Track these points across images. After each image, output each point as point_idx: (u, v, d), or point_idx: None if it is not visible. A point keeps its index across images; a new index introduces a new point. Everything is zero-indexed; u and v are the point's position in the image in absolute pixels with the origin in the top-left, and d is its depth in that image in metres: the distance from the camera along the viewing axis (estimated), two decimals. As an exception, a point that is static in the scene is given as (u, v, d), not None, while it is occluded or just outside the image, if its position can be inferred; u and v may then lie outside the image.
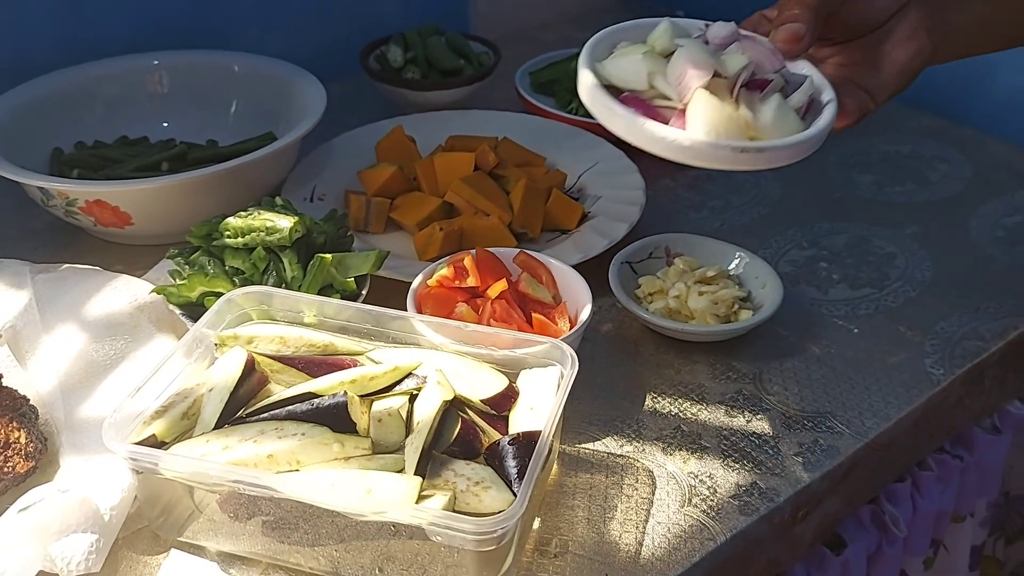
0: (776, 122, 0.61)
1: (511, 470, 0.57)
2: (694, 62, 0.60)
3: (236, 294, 0.68)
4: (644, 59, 0.62)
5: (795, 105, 0.62)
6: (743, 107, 0.60)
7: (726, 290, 0.80)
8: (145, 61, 1.03)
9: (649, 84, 0.62)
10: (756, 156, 0.58)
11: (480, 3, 1.37)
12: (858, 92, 0.67)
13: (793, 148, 0.59)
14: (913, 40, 0.67)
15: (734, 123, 0.59)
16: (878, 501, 0.82)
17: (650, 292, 0.82)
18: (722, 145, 0.58)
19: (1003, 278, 0.90)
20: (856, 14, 0.66)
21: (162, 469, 0.57)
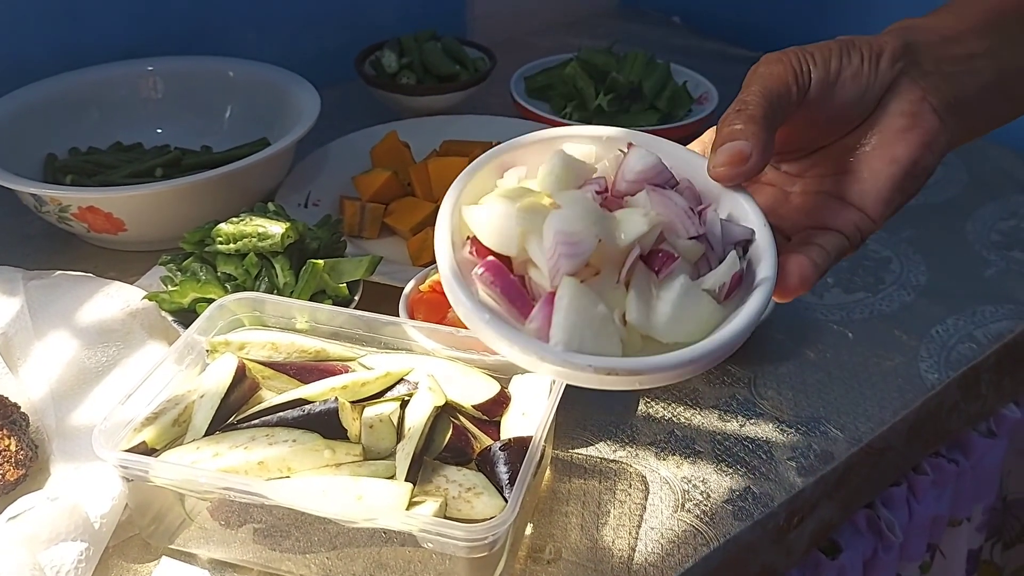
0: (676, 317, 0.44)
1: (502, 476, 0.57)
2: (568, 233, 0.44)
3: (228, 300, 0.68)
4: (519, 215, 0.45)
5: (710, 287, 0.46)
6: (632, 296, 0.44)
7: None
8: (140, 67, 1.03)
9: (522, 248, 0.46)
10: (628, 379, 0.43)
11: (476, 9, 1.37)
12: (848, 211, 0.51)
13: (680, 368, 0.43)
14: (916, 128, 0.51)
15: (607, 326, 0.44)
16: (874, 506, 0.82)
17: None
18: (581, 365, 0.43)
19: (998, 282, 0.90)
20: (822, 111, 0.51)
21: (152, 476, 0.57)
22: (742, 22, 1.43)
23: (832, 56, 0.51)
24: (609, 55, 1.17)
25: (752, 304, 0.45)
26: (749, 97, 0.49)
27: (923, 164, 0.51)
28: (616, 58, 1.17)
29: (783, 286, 0.48)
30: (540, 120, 1.09)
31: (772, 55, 0.51)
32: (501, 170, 0.51)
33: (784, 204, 0.54)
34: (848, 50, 0.51)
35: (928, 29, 0.54)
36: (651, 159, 0.48)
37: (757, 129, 0.48)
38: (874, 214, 0.51)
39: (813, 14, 1.35)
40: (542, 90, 1.17)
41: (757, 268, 0.47)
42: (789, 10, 1.38)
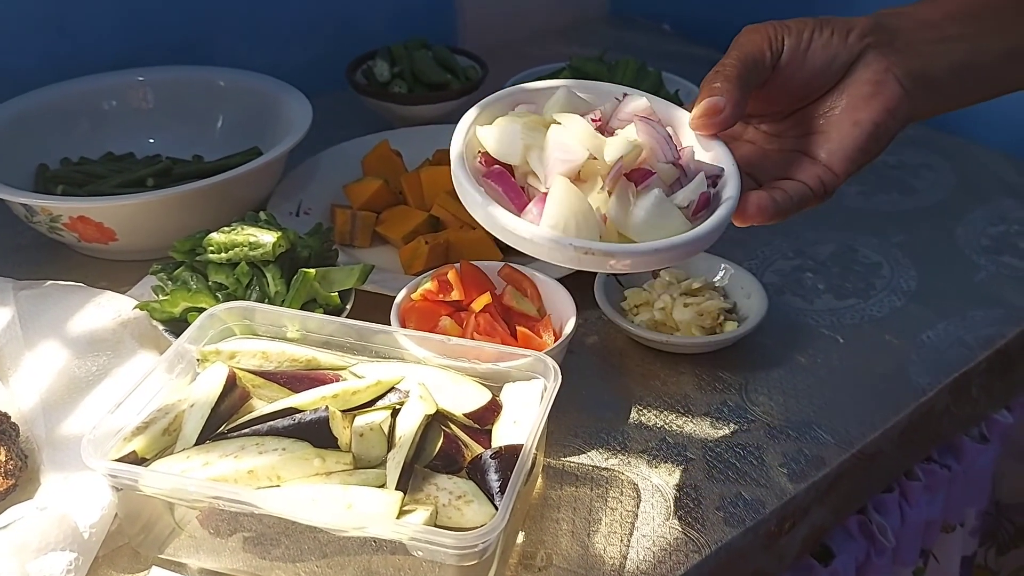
0: (650, 222, 0.52)
1: (493, 484, 0.57)
2: (564, 143, 0.53)
3: (219, 309, 0.68)
4: (523, 130, 0.54)
5: (680, 203, 0.54)
6: (613, 201, 0.52)
7: (711, 301, 0.80)
8: (131, 77, 1.03)
9: (524, 159, 0.55)
10: (602, 259, 0.50)
11: (467, 17, 1.37)
12: (814, 166, 0.58)
13: (650, 255, 0.51)
14: (879, 95, 0.57)
15: (590, 219, 0.52)
16: (866, 511, 0.82)
17: (636, 304, 0.82)
18: (563, 243, 0.50)
19: (989, 286, 0.90)
20: (795, 77, 0.58)
21: (142, 486, 0.57)
22: (732, 29, 1.43)
23: (806, 28, 0.58)
24: (600, 63, 1.17)
25: (714, 217, 0.53)
26: (727, 60, 0.57)
27: (884, 127, 0.58)
28: (607, 66, 1.17)
29: (741, 211, 0.56)
30: (531, 128, 1.09)
31: (751, 26, 0.59)
32: (513, 106, 0.58)
33: (761, 159, 0.61)
34: (821, 25, 0.58)
35: (904, 15, 0.60)
36: (642, 102, 0.58)
37: (731, 87, 0.56)
38: (838, 170, 0.58)
39: (803, 21, 1.36)
40: (533, 98, 1.17)
41: (723, 194, 0.55)
42: (778, 17, 1.38)
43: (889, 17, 0.60)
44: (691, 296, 0.81)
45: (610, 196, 0.53)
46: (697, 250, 0.54)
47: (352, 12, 1.26)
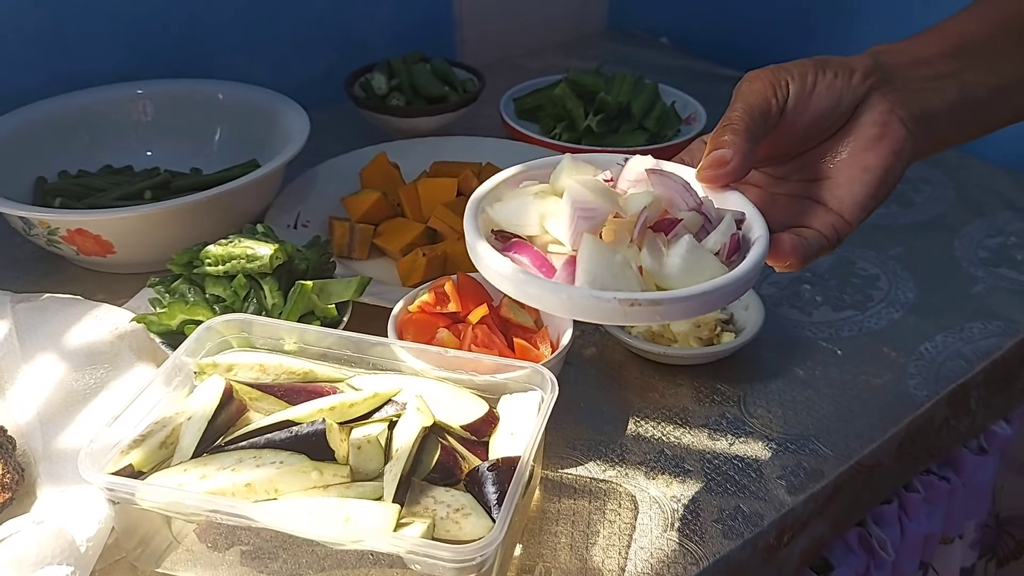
0: (686, 268, 0.51)
1: (491, 496, 0.57)
2: (584, 203, 0.52)
3: (216, 322, 0.68)
4: (535, 199, 0.54)
5: (712, 248, 0.52)
6: (646, 253, 0.51)
7: (710, 314, 0.80)
8: (129, 90, 1.03)
9: (542, 228, 0.54)
10: (649, 310, 0.48)
11: (466, 30, 1.38)
12: (827, 216, 0.57)
13: (696, 300, 0.49)
14: (886, 138, 0.57)
15: (626, 271, 0.50)
16: (865, 524, 0.82)
17: None
18: (604, 298, 0.48)
19: (986, 299, 0.90)
20: (800, 121, 0.57)
21: (139, 499, 0.57)
22: (729, 43, 1.45)
23: (808, 71, 0.56)
24: (598, 76, 1.18)
25: (753, 254, 0.52)
26: (733, 113, 0.55)
27: (893, 172, 0.57)
28: (605, 79, 1.17)
29: (776, 250, 0.54)
30: (530, 141, 1.09)
31: (753, 73, 0.57)
32: (517, 184, 0.58)
33: (770, 205, 0.58)
34: (823, 67, 0.57)
35: (899, 52, 0.60)
36: (648, 161, 0.56)
37: (738, 140, 0.54)
38: (850, 218, 0.57)
39: (798, 35, 1.36)
40: (531, 111, 1.18)
41: (751, 236, 0.53)
42: (775, 31, 1.39)
43: (885, 55, 0.59)
44: None
45: (640, 249, 0.51)
46: (742, 291, 0.52)
47: (351, 26, 1.26)
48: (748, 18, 1.43)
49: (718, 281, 0.50)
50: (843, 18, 1.31)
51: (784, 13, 1.38)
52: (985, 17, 0.62)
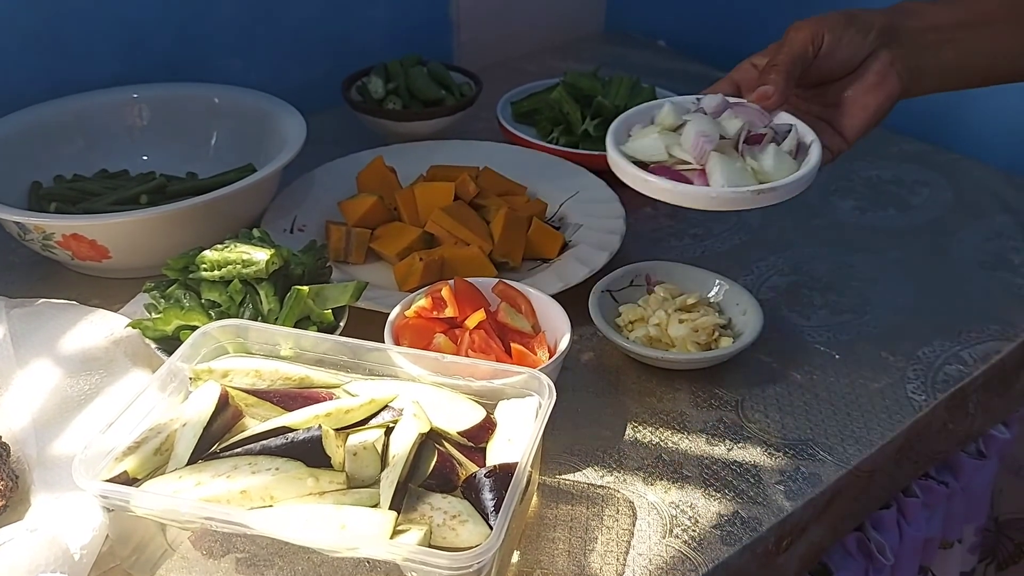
0: (777, 166, 0.73)
1: (488, 503, 0.56)
2: (703, 131, 0.73)
3: (211, 327, 0.68)
4: (660, 136, 0.75)
5: (788, 150, 0.74)
6: (748, 159, 0.73)
7: (706, 317, 0.79)
8: (125, 94, 1.03)
9: (668, 154, 0.74)
10: (770, 195, 0.71)
11: (462, 34, 1.37)
12: (834, 136, 0.77)
13: (797, 184, 0.72)
14: (883, 85, 0.75)
15: (745, 173, 0.72)
16: (864, 529, 0.81)
17: (631, 320, 0.82)
18: (742, 191, 0.70)
19: (984, 302, 0.90)
20: (825, 64, 0.76)
21: (133, 506, 0.56)
22: (726, 46, 1.44)
23: (839, 27, 0.75)
24: (595, 79, 1.18)
25: (814, 152, 0.73)
26: (781, 57, 0.75)
27: (884, 110, 0.77)
28: (602, 82, 1.17)
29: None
30: (527, 145, 1.09)
31: (799, 23, 0.76)
32: (630, 128, 0.79)
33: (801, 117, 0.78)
34: (850, 22, 0.75)
35: (918, 16, 0.77)
36: (718, 97, 0.77)
37: (780, 79, 0.74)
38: (849, 138, 0.78)
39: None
40: (528, 115, 1.18)
41: (806, 140, 0.75)
42: (772, 34, 1.39)
43: (905, 17, 0.76)
44: (686, 312, 0.81)
45: (743, 157, 0.73)
46: (813, 178, 0.73)
47: (348, 30, 1.26)
48: (745, 21, 1.43)
49: (805, 170, 0.72)
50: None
51: (781, 16, 1.37)
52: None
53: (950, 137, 1.22)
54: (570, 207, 0.99)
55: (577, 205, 0.98)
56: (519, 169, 1.02)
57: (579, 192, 1.00)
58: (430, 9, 1.33)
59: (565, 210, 0.99)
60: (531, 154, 1.07)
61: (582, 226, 0.95)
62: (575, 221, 0.96)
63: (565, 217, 0.98)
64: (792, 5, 1.35)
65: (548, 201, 0.98)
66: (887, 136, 1.19)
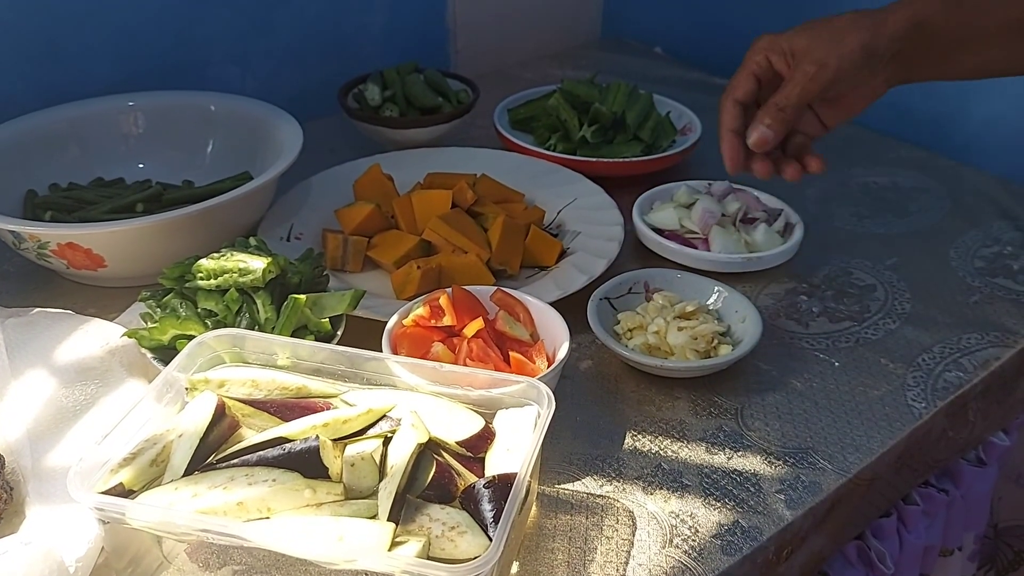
0: (765, 241, 0.94)
1: (487, 514, 0.56)
2: (709, 210, 0.96)
3: (208, 337, 0.67)
4: (675, 211, 0.97)
5: (777, 229, 0.96)
6: (743, 233, 0.95)
7: (705, 325, 0.79)
8: (121, 102, 1.02)
9: (680, 225, 0.96)
10: (757, 262, 0.92)
11: (459, 41, 1.37)
12: (815, 123, 0.85)
13: (779, 255, 0.93)
14: (875, 94, 0.82)
15: (739, 243, 0.94)
16: (864, 537, 0.81)
17: (629, 328, 0.82)
18: (735, 257, 0.92)
19: (983, 309, 0.90)
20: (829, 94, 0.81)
21: (129, 519, 0.56)
22: (723, 52, 1.44)
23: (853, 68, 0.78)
24: (592, 86, 1.17)
25: (797, 232, 0.95)
26: (789, 106, 0.80)
27: (864, 109, 0.83)
28: (599, 89, 1.17)
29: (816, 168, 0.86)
30: (524, 152, 1.09)
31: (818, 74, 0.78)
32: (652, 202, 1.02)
33: None
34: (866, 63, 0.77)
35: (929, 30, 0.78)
36: (725, 184, 1.00)
37: (781, 128, 0.81)
38: (829, 127, 0.85)
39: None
40: (525, 122, 1.17)
41: (791, 220, 0.98)
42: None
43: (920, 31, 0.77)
44: (685, 320, 0.80)
45: (739, 232, 0.95)
46: (795, 251, 0.95)
47: (345, 37, 1.26)
48: (742, 27, 1.42)
49: (785, 246, 0.94)
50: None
51: (778, 23, 1.37)
52: None
53: (948, 144, 1.22)
54: (568, 214, 0.98)
55: (575, 212, 0.98)
56: (517, 176, 1.02)
57: (577, 199, 1.00)
58: (427, 17, 1.33)
59: (563, 217, 0.98)
60: (528, 161, 1.06)
61: (580, 233, 0.95)
62: (573, 228, 0.96)
63: (563, 224, 0.98)
64: (789, 11, 1.36)
65: (546, 208, 0.98)
66: (885, 143, 1.19)
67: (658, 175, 1.07)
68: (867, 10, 0.79)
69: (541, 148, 1.10)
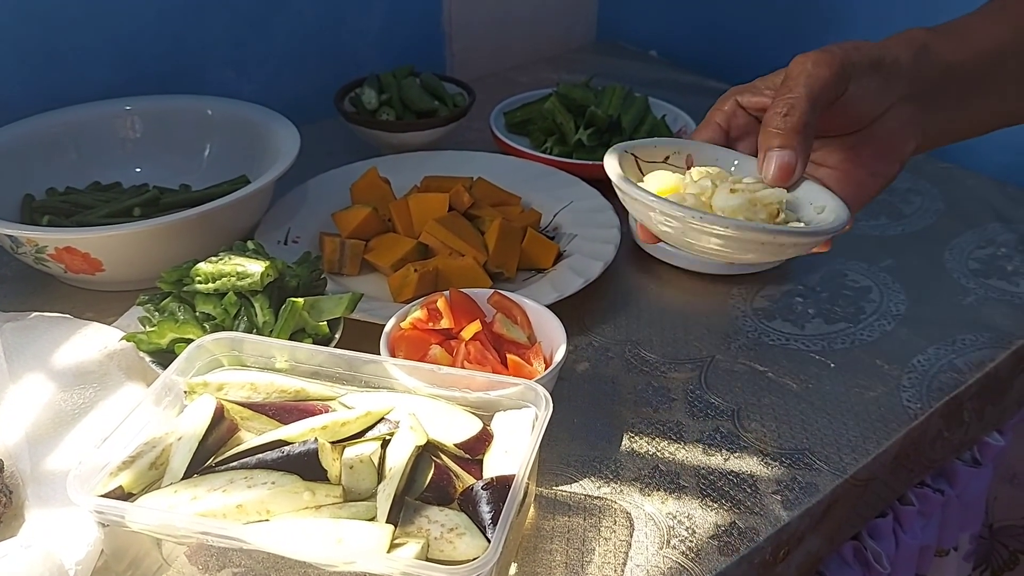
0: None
1: (485, 516, 0.56)
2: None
3: (206, 340, 0.67)
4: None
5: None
6: None
7: (770, 191, 0.60)
8: (118, 106, 1.03)
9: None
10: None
11: (455, 45, 1.38)
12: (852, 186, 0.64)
13: None
14: (902, 146, 0.62)
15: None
16: (860, 537, 0.81)
17: (663, 190, 0.62)
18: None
19: (978, 310, 0.90)
20: (838, 119, 0.61)
21: (129, 522, 0.56)
22: (718, 55, 1.45)
23: (865, 74, 0.59)
24: (587, 89, 1.18)
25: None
26: (796, 100, 0.57)
27: (894, 178, 0.63)
28: (594, 92, 1.17)
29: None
30: (520, 155, 1.09)
31: (821, 57, 0.58)
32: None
33: None
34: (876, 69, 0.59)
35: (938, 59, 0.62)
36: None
37: (800, 141, 0.58)
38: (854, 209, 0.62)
39: (787, 47, 1.36)
40: (522, 125, 1.18)
41: None
42: (764, 43, 1.40)
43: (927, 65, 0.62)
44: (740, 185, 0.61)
45: None
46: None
47: (341, 41, 1.26)
48: (737, 31, 1.43)
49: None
50: (831, 29, 1.31)
51: (773, 26, 1.38)
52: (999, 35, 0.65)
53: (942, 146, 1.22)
54: (564, 217, 0.99)
55: (571, 215, 0.98)
56: (513, 179, 1.02)
57: (573, 202, 1.00)
58: (423, 21, 1.34)
59: (559, 220, 0.99)
60: (525, 164, 1.07)
61: (576, 236, 0.95)
62: (569, 231, 0.96)
63: (559, 227, 0.98)
64: (784, 16, 1.36)
65: (542, 211, 0.99)
66: (879, 145, 1.20)
67: (654, 178, 1.07)
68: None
69: (537, 151, 1.11)
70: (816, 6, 1.32)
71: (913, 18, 1.23)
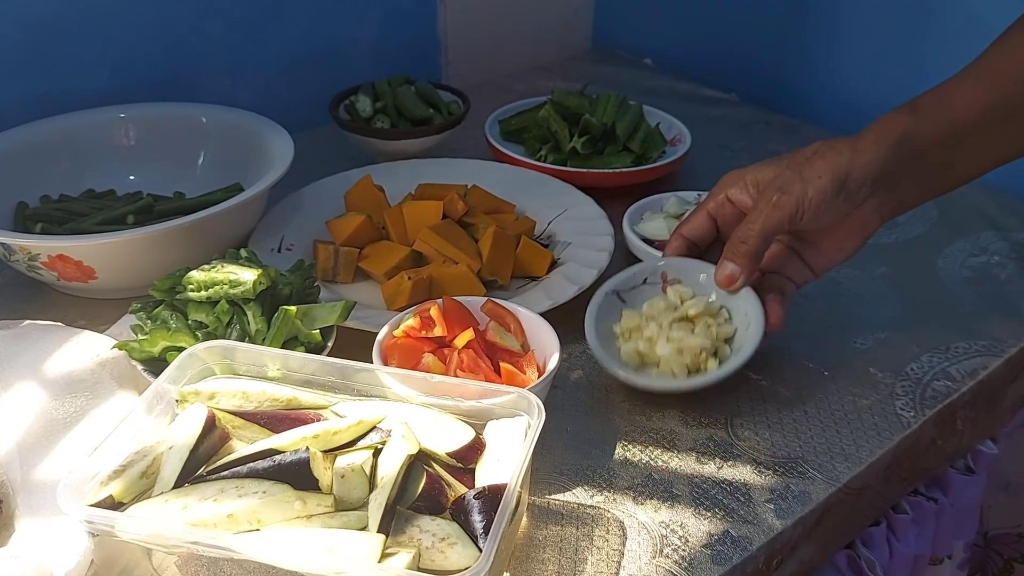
0: None
1: (477, 525, 0.56)
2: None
3: (198, 348, 0.67)
4: (665, 221, 0.96)
5: None
6: None
7: (694, 339, 0.77)
8: (112, 114, 1.02)
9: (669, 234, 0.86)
10: None
11: (450, 52, 1.38)
12: (803, 269, 0.79)
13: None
14: (865, 228, 0.76)
15: None
16: (854, 546, 0.81)
17: (628, 328, 0.79)
18: None
19: (971, 318, 0.90)
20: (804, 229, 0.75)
21: (119, 531, 0.56)
22: (713, 64, 1.45)
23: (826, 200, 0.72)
24: (582, 97, 1.18)
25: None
26: (751, 235, 0.73)
27: (858, 247, 0.78)
28: (589, 100, 1.17)
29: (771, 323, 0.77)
30: (515, 163, 1.09)
31: (780, 200, 0.72)
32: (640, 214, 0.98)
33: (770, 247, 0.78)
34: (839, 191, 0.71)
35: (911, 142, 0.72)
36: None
37: (748, 263, 0.75)
38: (818, 274, 0.80)
39: (782, 56, 1.37)
40: (516, 132, 1.18)
41: None
42: (759, 52, 1.40)
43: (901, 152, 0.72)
44: (686, 322, 0.78)
45: None
46: None
47: (336, 49, 1.26)
48: (732, 39, 1.44)
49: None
50: (825, 39, 1.32)
51: (768, 34, 1.39)
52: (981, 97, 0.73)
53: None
54: (559, 225, 0.99)
55: (566, 223, 0.98)
56: (507, 187, 1.02)
57: (567, 210, 1.00)
58: (418, 28, 1.34)
59: (554, 228, 0.99)
60: (519, 172, 1.07)
61: (571, 244, 0.95)
62: (564, 239, 0.96)
63: (554, 235, 0.98)
64: (778, 24, 1.37)
65: (536, 219, 0.99)
66: (873, 153, 1.20)
67: (648, 186, 1.07)
68: (839, 139, 0.74)
69: (532, 159, 1.11)
70: (810, 15, 1.32)
71: (902, 27, 1.24)
